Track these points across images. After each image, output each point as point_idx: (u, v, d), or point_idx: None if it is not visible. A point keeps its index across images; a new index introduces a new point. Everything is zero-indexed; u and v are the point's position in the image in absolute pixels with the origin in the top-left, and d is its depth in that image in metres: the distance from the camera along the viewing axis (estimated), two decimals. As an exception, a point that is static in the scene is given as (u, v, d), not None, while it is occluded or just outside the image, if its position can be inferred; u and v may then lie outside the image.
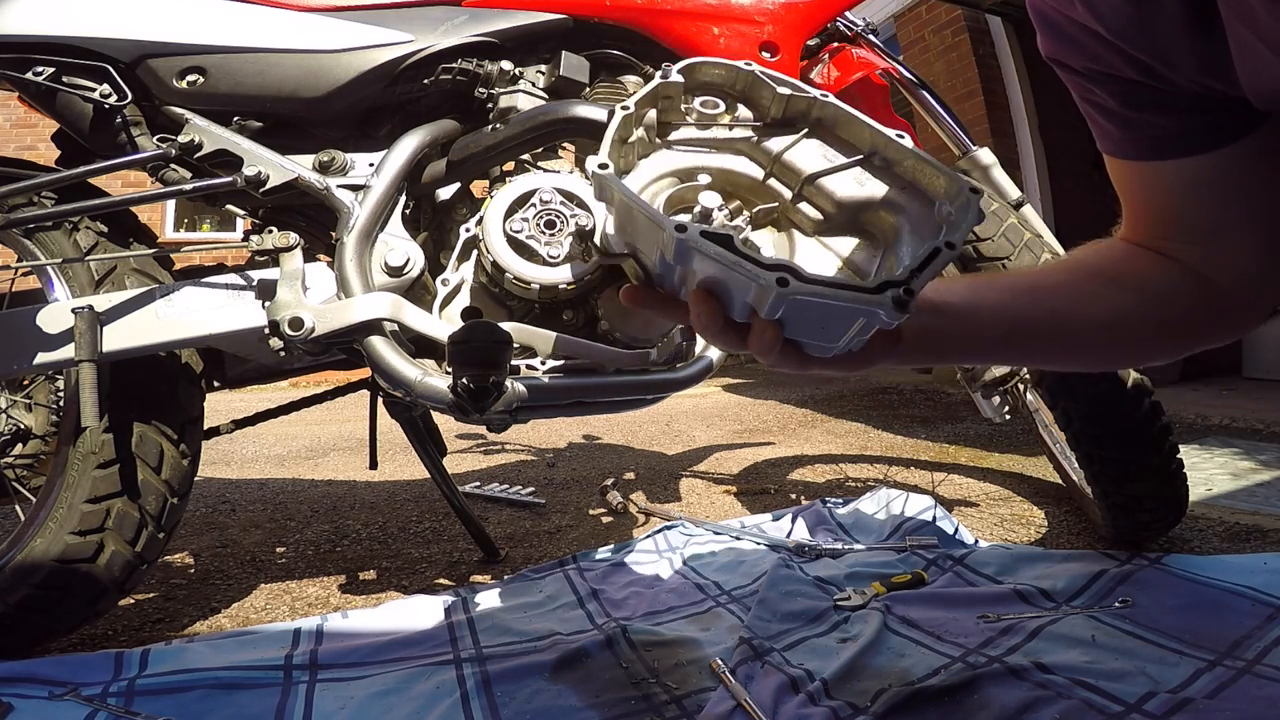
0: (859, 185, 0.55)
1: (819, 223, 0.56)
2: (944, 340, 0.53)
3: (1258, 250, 0.52)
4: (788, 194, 0.57)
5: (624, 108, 0.52)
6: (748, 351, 0.47)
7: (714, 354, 1.01)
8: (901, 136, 0.54)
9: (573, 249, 0.93)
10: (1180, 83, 0.47)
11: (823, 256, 0.55)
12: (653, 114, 0.57)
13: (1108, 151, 0.56)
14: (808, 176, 0.56)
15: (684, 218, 0.52)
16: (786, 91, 0.56)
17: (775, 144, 0.57)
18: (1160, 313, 0.55)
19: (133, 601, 1.18)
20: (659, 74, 0.55)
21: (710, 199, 0.54)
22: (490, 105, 1.03)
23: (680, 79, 0.56)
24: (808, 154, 0.57)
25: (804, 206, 0.56)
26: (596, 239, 0.62)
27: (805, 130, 0.58)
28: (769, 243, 0.56)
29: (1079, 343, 0.56)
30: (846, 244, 0.55)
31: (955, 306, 0.53)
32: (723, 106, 0.58)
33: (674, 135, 0.58)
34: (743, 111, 0.59)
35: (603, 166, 0.48)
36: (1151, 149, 0.52)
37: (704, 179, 0.56)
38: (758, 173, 0.58)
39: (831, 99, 0.57)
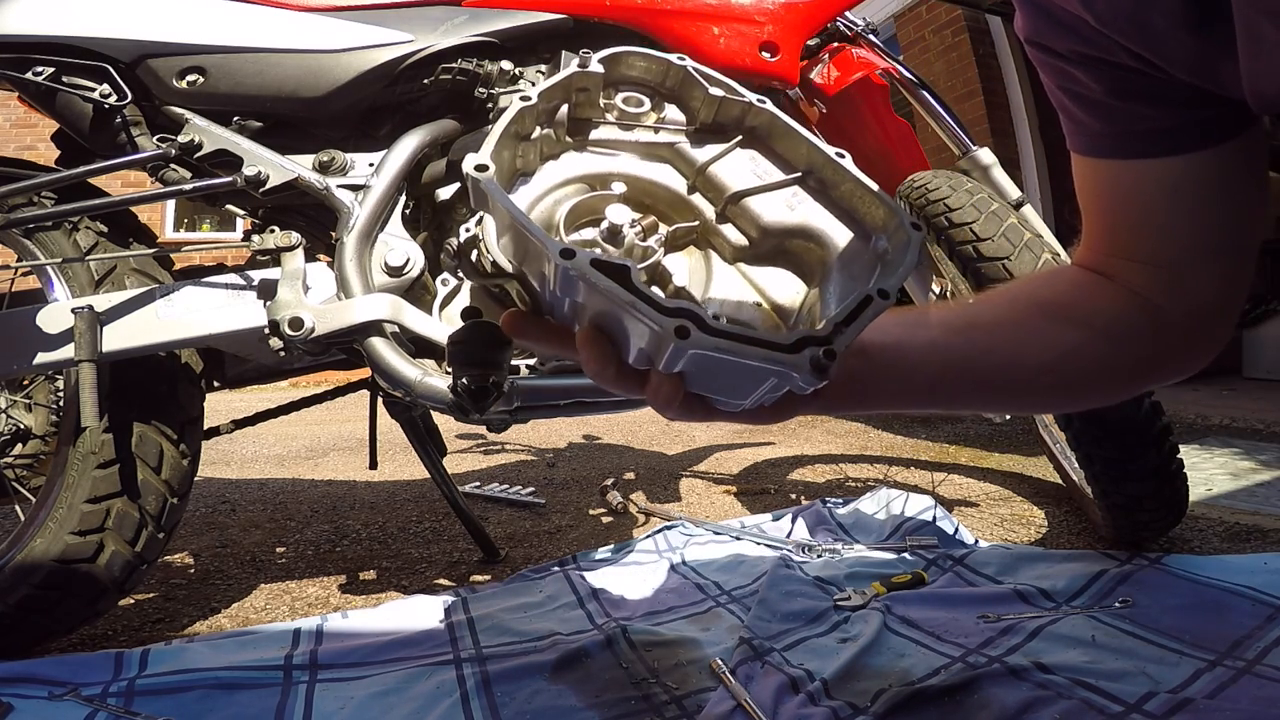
0: (789, 209, 0.49)
1: (742, 248, 0.49)
2: (869, 387, 0.47)
3: (1220, 277, 0.49)
4: (711, 212, 0.50)
5: (524, 98, 0.44)
6: (644, 398, 0.40)
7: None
8: (842, 156, 0.48)
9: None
10: (1174, 75, 0.44)
11: (741, 289, 0.48)
12: (565, 109, 0.49)
13: (1081, 150, 0.52)
14: (733, 194, 0.49)
15: (580, 236, 0.45)
16: (719, 93, 0.50)
17: (702, 153, 0.50)
18: (1108, 351, 0.50)
19: (133, 601, 1.18)
20: (575, 61, 0.48)
21: (620, 214, 0.45)
22: (490, 105, 1.03)
23: (600, 69, 0.48)
24: (737, 168, 0.50)
25: (727, 228, 0.49)
26: (473, 255, 0.52)
27: (738, 139, 0.51)
28: (684, 268, 0.48)
29: (1017, 387, 0.52)
30: (770, 275, 0.48)
31: (880, 347, 0.47)
32: (648, 105, 0.51)
33: (591, 135, 0.50)
34: (671, 113, 0.52)
35: (480, 168, 0.39)
36: (1131, 145, 0.48)
37: (618, 187, 0.48)
38: (681, 185, 0.50)
39: (769, 106, 0.51)
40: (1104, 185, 0.52)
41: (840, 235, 0.47)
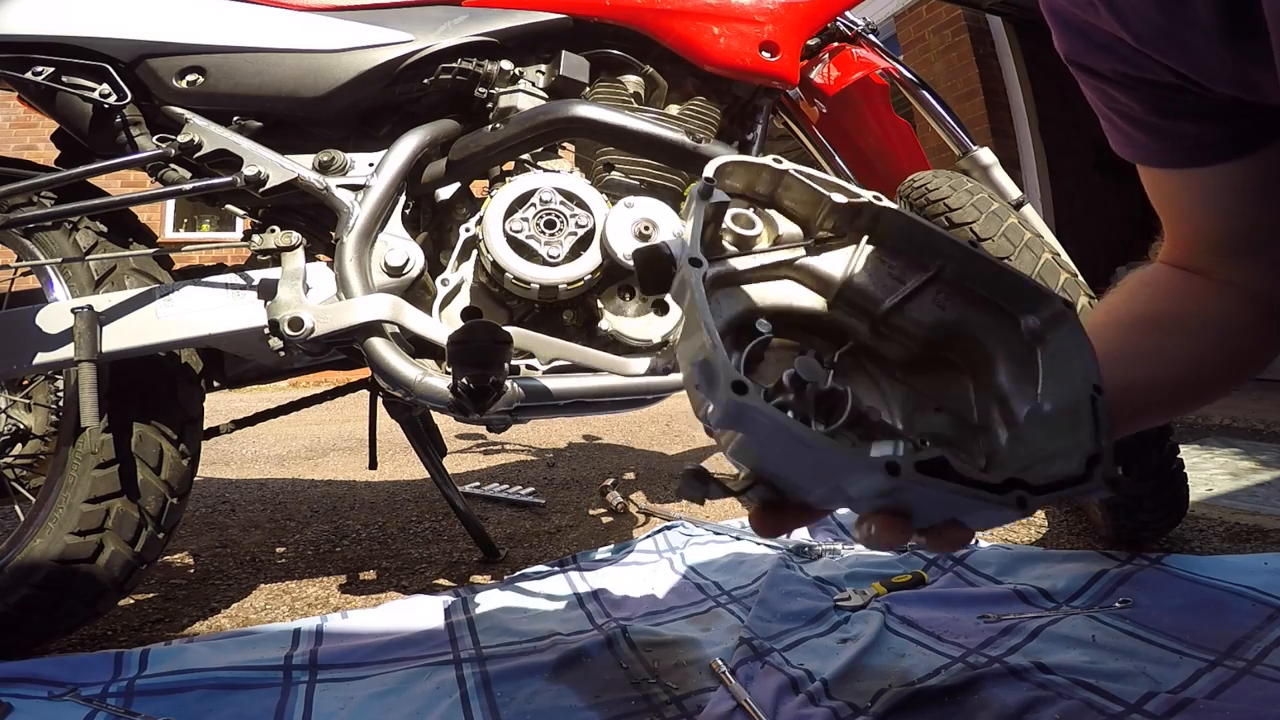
0: (939, 309, 0.46)
1: (903, 357, 0.47)
2: None
3: None
4: (862, 328, 0.47)
5: (695, 261, 0.39)
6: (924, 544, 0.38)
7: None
8: (975, 244, 0.47)
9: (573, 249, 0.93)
10: (1213, 90, 0.44)
11: (916, 401, 0.46)
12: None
13: (1135, 160, 0.51)
14: (883, 312, 0.46)
15: (884, 450, 0.38)
16: (841, 199, 0.47)
17: (829, 263, 0.47)
18: (1232, 347, 0.50)
19: (132, 601, 1.18)
20: (695, 190, 0.44)
21: (811, 370, 0.39)
22: (490, 105, 1.03)
23: (725, 197, 0.44)
24: (872, 273, 0.47)
25: (882, 341, 0.47)
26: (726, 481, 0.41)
27: (864, 242, 0.48)
28: (858, 389, 0.43)
29: (1153, 403, 0.50)
30: (938, 379, 0.47)
31: None
32: (759, 225, 0.48)
33: (711, 271, 0.43)
34: (783, 226, 0.49)
35: (739, 388, 0.33)
36: (1186, 156, 0.48)
37: (764, 326, 0.44)
38: (818, 302, 0.47)
39: (886, 202, 0.48)
40: (1171, 191, 0.51)
41: (993, 322, 0.46)
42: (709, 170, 0.45)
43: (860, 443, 0.37)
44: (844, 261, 0.48)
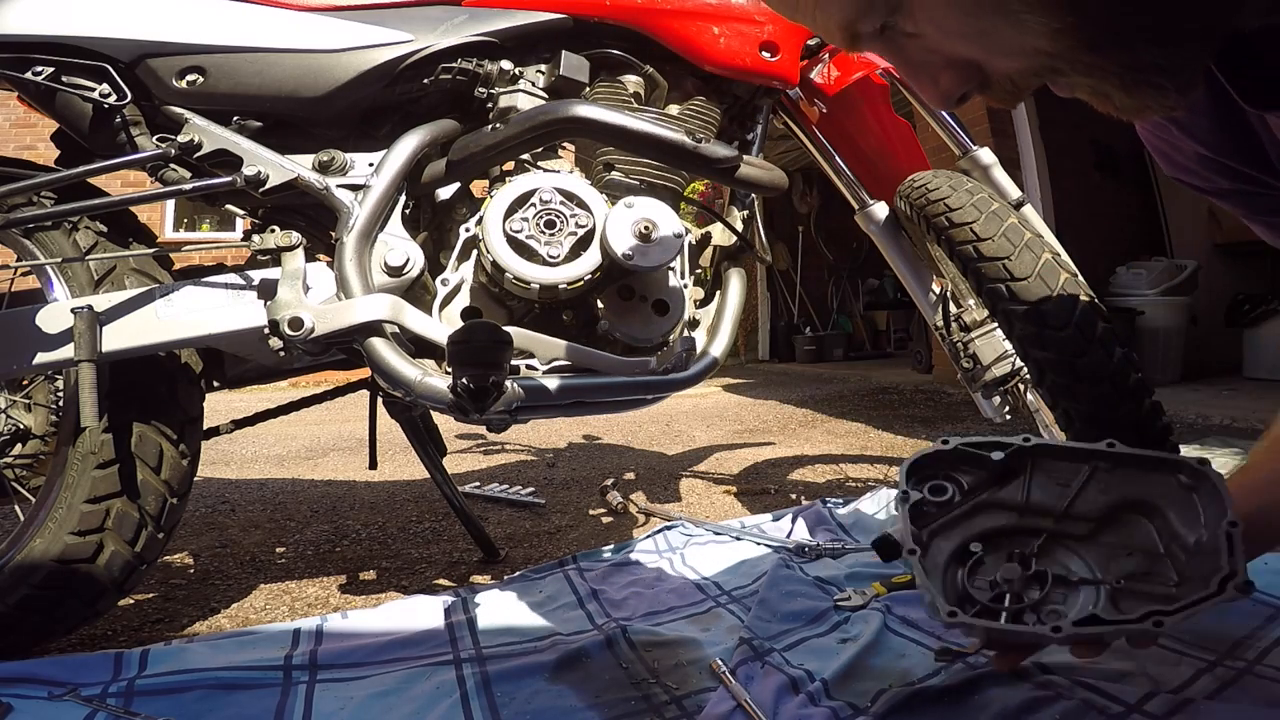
0: (1103, 493, 0.63)
1: (1088, 533, 0.63)
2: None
3: None
4: (1049, 524, 0.64)
5: (912, 551, 0.60)
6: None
7: (715, 354, 1.01)
8: (1113, 445, 0.61)
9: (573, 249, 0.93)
10: None
11: (1110, 554, 0.63)
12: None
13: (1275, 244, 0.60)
14: (1060, 513, 0.64)
15: (1042, 628, 0.59)
16: (1000, 456, 0.64)
17: (1011, 492, 0.65)
18: None
19: (132, 602, 1.18)
20: (900, 500, 0.63)
21: (1011, 571, 0.61)
22: (490, 105, 1.03)
23: (919, 494, 0.64)
24: (1044, 488, 0.64)
25: (1068, 525, 0.64)
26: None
27: (1030, 470, 0.65)
28: (1068, 560, 0.64)
29: None
30: (1124, 533, 0.63)
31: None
32: (950, 489, 0.65)
33: (927, 530, 0.64)
34: (968, 479, 0.66)
35: (951, 614, 0.56)
36: None
37: (976, 548, 0.63)
38: (1011, 519, 0.65)
39: (1034, 440, 0.64)
40: None
41: (1151, 485, 0.62)
42: (900, 478, 0.64)
43: (1070, 596, 0.58)
44: (1019, 488, 0.65)
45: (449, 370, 0.86)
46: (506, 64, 1.03)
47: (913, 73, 0.45)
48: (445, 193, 1.06)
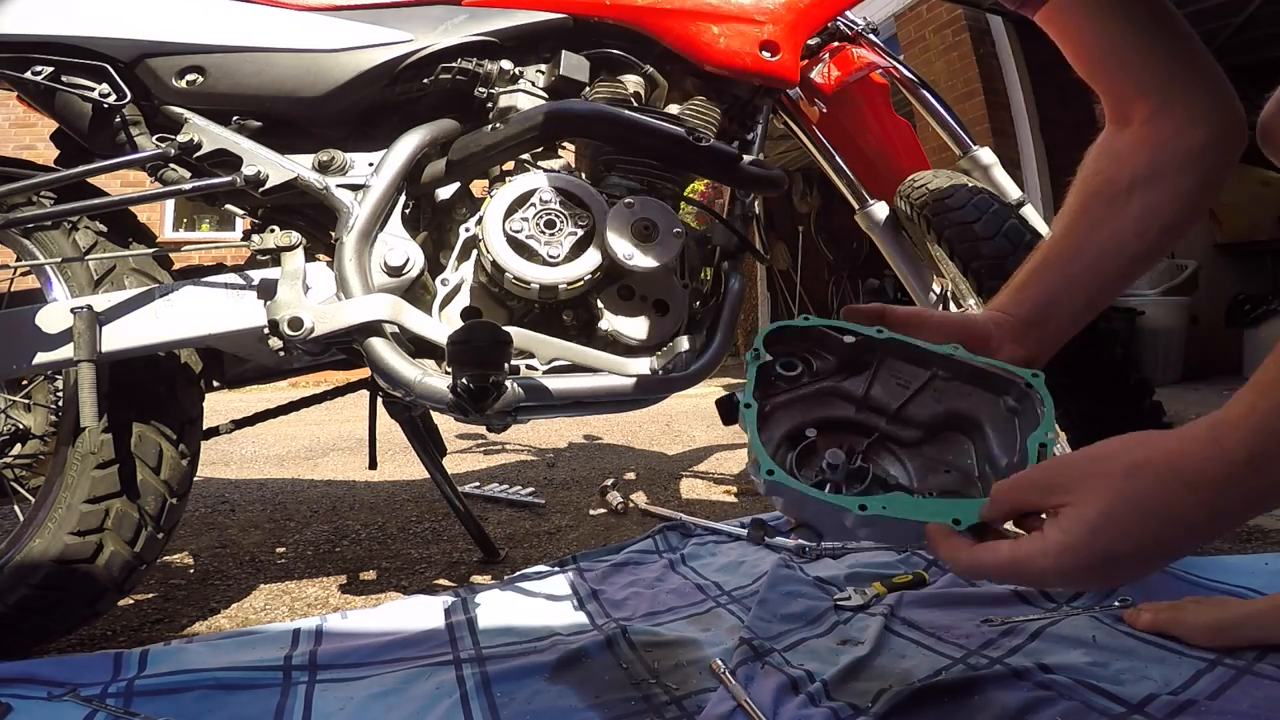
0: (937, 402, 0.63)
1: (915, 439, 0.64)
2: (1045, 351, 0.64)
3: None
4: (881, 422, 0.64)
5: (748, 404, 0.59)
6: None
7: (715, 354, 1.01)
8: (955, 348, 0.61)
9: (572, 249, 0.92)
10: None
11: (930, 466, 0.63)
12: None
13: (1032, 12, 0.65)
14: (894, 411, 0.64)
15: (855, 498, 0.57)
16: (851, 340, 0.64)
17: (854, 384, 0.65)
18: (1170, 185, 0.61)
19: (132, 602, 1.18)
20: (750, 358, 0.63)
21: (836, 456, 0.60)
22: (490, 105, 1.03)
23: (770, 357, 0.63)
24: (884, 383, 0.65)
25: (899, 429, 0.64)
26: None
27: (877, 365, 0.65)
28: (888, 467, 0.63)
29: (1136, 262, 0.64)
30: (943, 448, 0.63)
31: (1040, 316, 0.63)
32: (800, 367, 0.66)
33: (769, 403, 0.64)
34: (820, 364, 0.66)
35: (770, 473, 0.53)
36: None
37: (811, 433, 0.63)
38: (848, 409, 0.65)
39: (887, 333, 0.63)
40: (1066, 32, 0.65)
41: (979, 403, 0.62)
42: (758, 341, 0.64)
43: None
44: (863, 381, 0.65)
45: (449, 370, 0.86)
46: (506, 64, 1.03)
47: None
48: (445, 192, 1.06)
